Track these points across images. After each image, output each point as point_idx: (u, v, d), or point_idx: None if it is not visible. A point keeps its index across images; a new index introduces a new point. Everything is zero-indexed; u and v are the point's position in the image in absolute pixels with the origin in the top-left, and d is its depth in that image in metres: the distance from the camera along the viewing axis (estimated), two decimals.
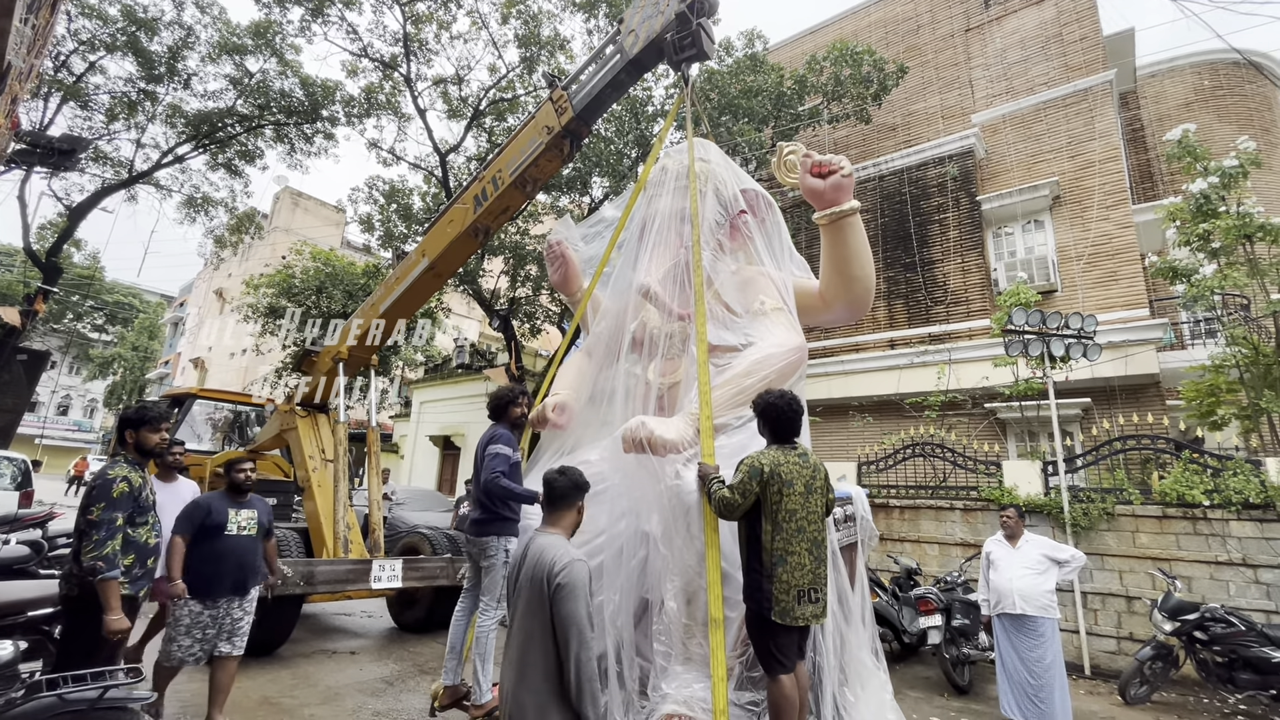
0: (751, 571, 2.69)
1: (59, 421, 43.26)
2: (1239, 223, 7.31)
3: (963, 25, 12.75)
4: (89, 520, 2.95)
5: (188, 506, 3.80)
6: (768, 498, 2.66)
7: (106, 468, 3.13)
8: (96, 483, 3.03)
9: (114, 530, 2.97)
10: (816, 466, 2.83)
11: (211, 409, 10.55)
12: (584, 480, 2.45)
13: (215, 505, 3.83)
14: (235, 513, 3.86)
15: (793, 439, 2.89)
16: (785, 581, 2.57)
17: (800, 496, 2.68)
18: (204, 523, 3.70)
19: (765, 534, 2.65)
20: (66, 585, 3.01)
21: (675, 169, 4.39)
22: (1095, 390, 9.40)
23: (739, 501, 2.65)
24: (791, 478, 2.69)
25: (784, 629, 2.58)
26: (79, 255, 26.61)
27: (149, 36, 12.12)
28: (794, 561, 2.60)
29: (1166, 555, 6.50)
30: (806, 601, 2.58)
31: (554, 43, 12.87)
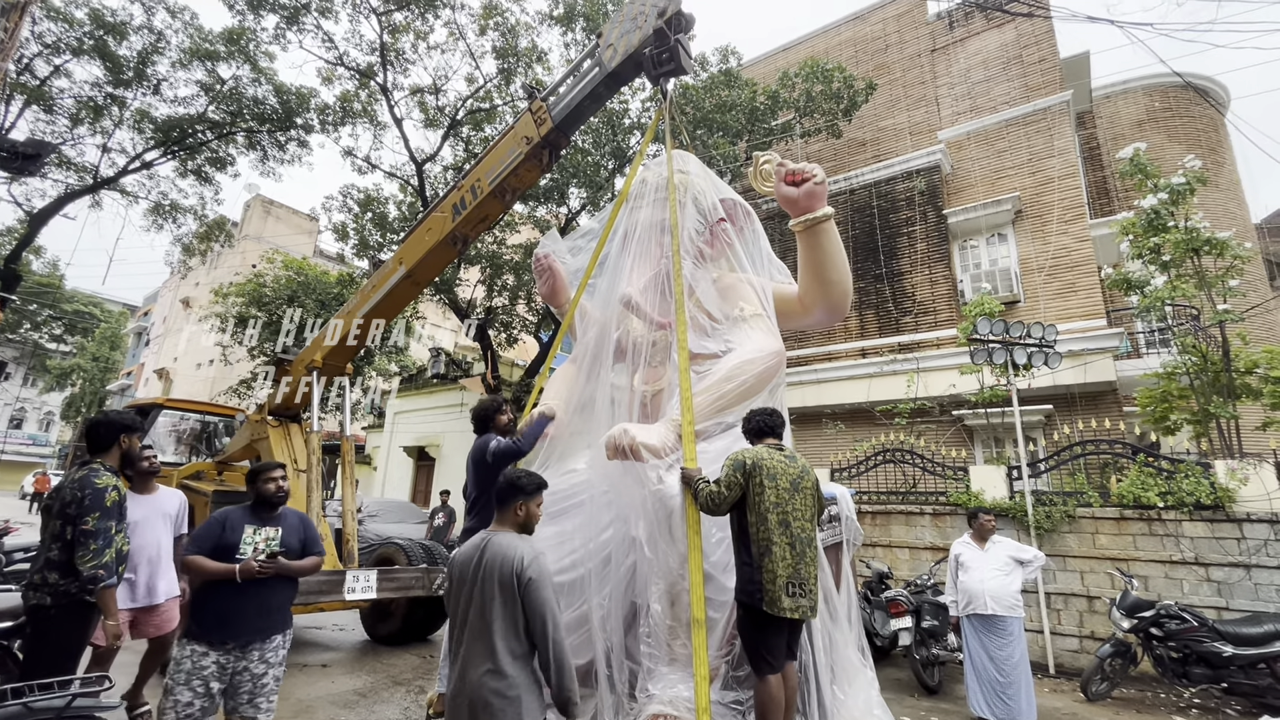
0: (742, 565, 2.77)
1: (12, 435, 41.58)
2: (1187, 237, 7.69)
3: (929, 46, 13.20)
4: (84, 530, 2.90)
5: (203, 524, 3.03)
6: (752, 489, 2.75)
7: (91, 476, 3.02)
8: (86, 491, 2.95)
9: (109, 539, 2.98)
10: (805, 468, 2.93)
11: (178, 419, 10.30)
12: (526, 483, 2.47)
13: (232, 520, 3.02)
14: (254, 531, 3.01)
15: (773, 438, 2.99)
16: (771, 571, 2.65)
17: (785, 491, 2.76)
18: (218, 541, 2.94)
19: (751, 525, 2.74)
20: (36, 595, 2.92)
21: (655, 180, 4.50)
22: (1057, 397, 9.74)
23: (725, 494, 2.74)
24: (775, 471, 2.78)
25: (773, 626, 2.65)
26: (38, 263, 25.76)
27: (117, 41, 11.90)
28: (777, 553, 2.68)
29: (1124, 555, 6.75)
30: (791, 594, 2.65)
31: (531, 54, 12.98)
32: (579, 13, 12.29)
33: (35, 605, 2.93)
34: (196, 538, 2.97)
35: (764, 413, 3.01)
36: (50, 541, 2.96)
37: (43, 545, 3.01)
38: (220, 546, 2.93)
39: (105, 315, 38.91)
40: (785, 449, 2.97)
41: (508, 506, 2.44)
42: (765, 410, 3.02)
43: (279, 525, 3.10)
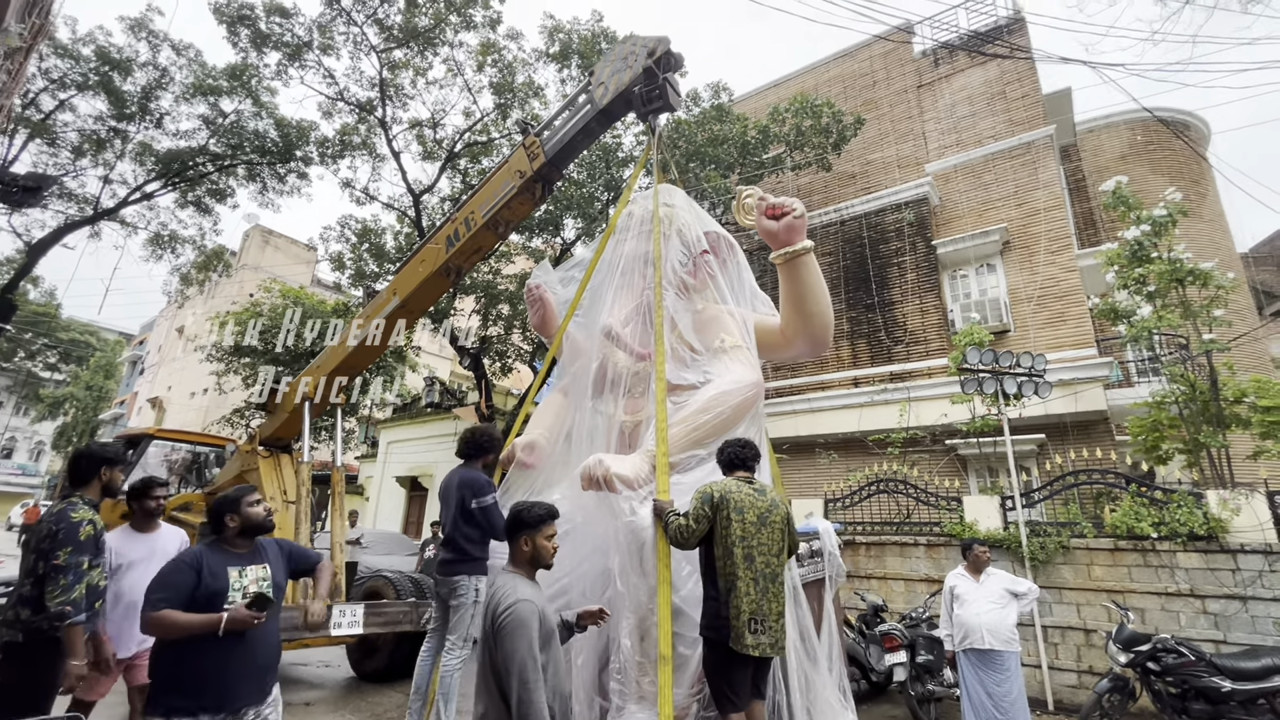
0: (709, 599, 2.74)
1: (1, 465, 41.11)
2: (1170, 268, 7.81)
3: (915, 82, 13.56)
4: (55, 565, 2.83)
5: (167, 567, 2.50)
6: (719, 522, 2.73)
7: (68, 509, 2.98)
8: (60, 525, 2.91)
9: (80, 575, 2.90)
10: (775, 502, 2.90)
11: (168, 450, 10.23)
12: (528, 515, 2.41)
13: (210, 563, 2.49)
14: (239, 573, 2.53)
15: (745, 471, 2.98)
16: (736, 607, 2.62)
17: (752, 525, 2.74)
18: (195, 593, 2.41)
19: (718, 559, 2.71)
20: (9, 632, 2.86)
21: (640, 213, 4.58)
22: (1049, 426, 9.75)
23: (693, 527, 2.72)
24: (743, 505, 2.76)
25: (738, 662, 2.60)
26: (35, 292, 25.82)
27: (122, 76, 12.17)
28: (742, 588, 2.65)
29: (1120, 587, 6.69)
30: (754, 630, 2.60)
31: (528, 89, 13.29)
32: (574, 50, 12.62)
33: (8, 642, 2.87)
34: (164, 585, 2.39)
35: (737, 444, 3.01)
36: (24, 577, 2.91)
37: (19, 581, 2.96)
38: (203, 595, 2.41)
39: (101, 344, 38.87)
40: (756, 482, 2.96)
41: (514, 543, 2.40)
42: (738, 441, 3.02)
43: (264, 561, 2.64)
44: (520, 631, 2.07)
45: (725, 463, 3.02)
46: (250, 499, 2.68)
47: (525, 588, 2.25)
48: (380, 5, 12.28)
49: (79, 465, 3.17)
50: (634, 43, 5.18)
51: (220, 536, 2.62)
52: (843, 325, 12.43)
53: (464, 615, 3.86)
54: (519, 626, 2.08)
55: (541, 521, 2.40)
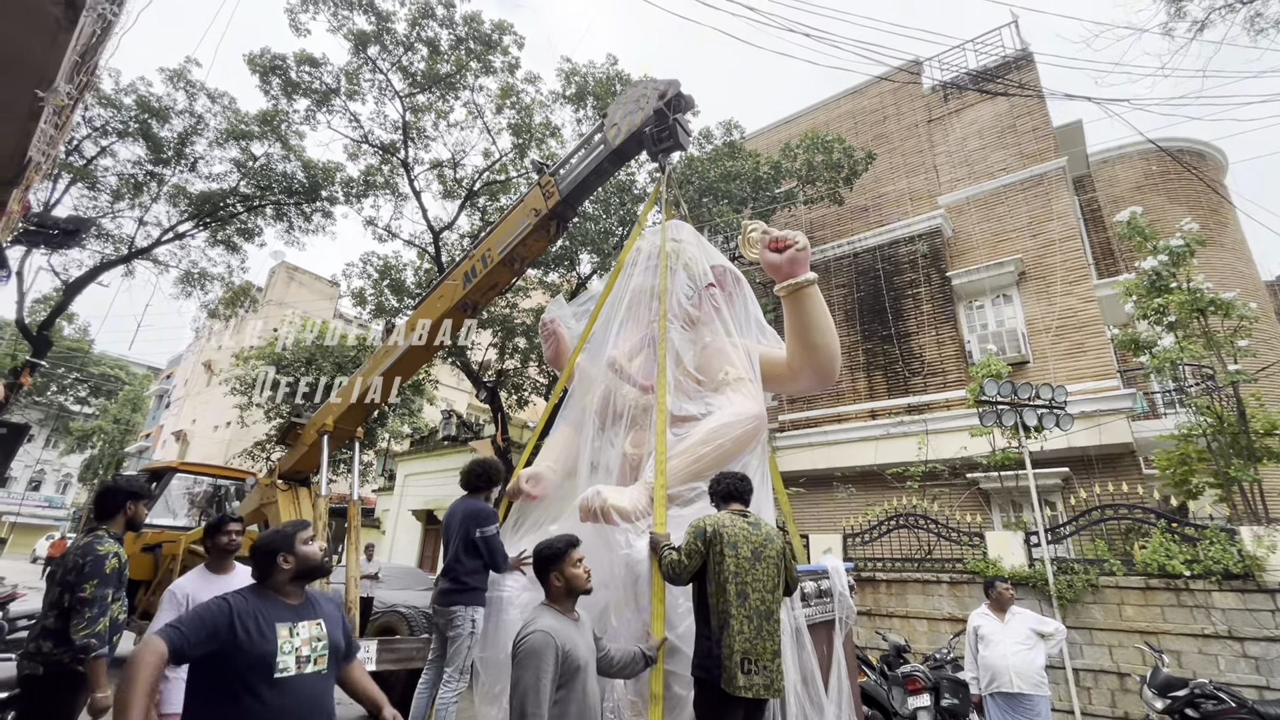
0: (701, 637, 2.66)
1: (30, 497, 41.89)
2: (1191, 298, 7.71)
3: (925, 117, 13.74)
4: (81, 598, 2.84)
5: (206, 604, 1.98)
6: (712, 558, 2.66)
7: (94, 543, 2.99)
8: (87, 558, 2.92)
9: (105, 608, 2.91)
10: (770, 536, 2.82)
11: (191, 482, 10.40)
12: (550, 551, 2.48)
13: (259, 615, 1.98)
14: (291, 630, 2.02)
15: (740, 504, 2.94)
16: (729, 646, 2.53)
17: (746, 560, 2.67)
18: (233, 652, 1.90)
19: (711, 596, 2.64)
20: (30, 664, 2.88)
21: (648, 248, 4.67)
22: (1073, 460, 9.53)
23: (685, 563, 2.67)
24: (736, 540, 2.69)
25: (730, 705, 2.52)
26: (70, 328, 26.70)
27: (160, 123, 12.78)
28: (735, 626, 2.57)
29: (1153, 628, 6.43)
30: (746, 671, 2.52)
31: (545, 129, 13.70)
32: (589, 92, 13.03)
33: (28, 675, 2.88)
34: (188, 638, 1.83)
35: (732, 477, 2.95)
36: (48, 609, 2.93)
37: (42, 613, 2.99)
38: (248, 659, 1.90)
39: (130, 378, 39.87)
40: (750, 515, 2.89)
41: (546, 582, 2.48)
42: (733, 474, 2.96)
43: (319, 616, 2.13)
44: (529, 661, 2.12)
45: (720, 495, 2.95)
46: (305, 535, 2.21)
47: (548, 619, 2.30)
48: (404, 54, 12.83)
49: (105, 499, 3.21)
50: (646, 85, 5.36)
51: (266, 582, 2.10)
52: (858, 357, 12.37)
53: (460, 646, 3.81)
54: (529, 656, 2.13)
55: (564, 553, 2.48)
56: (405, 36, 12.68)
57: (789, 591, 2.89)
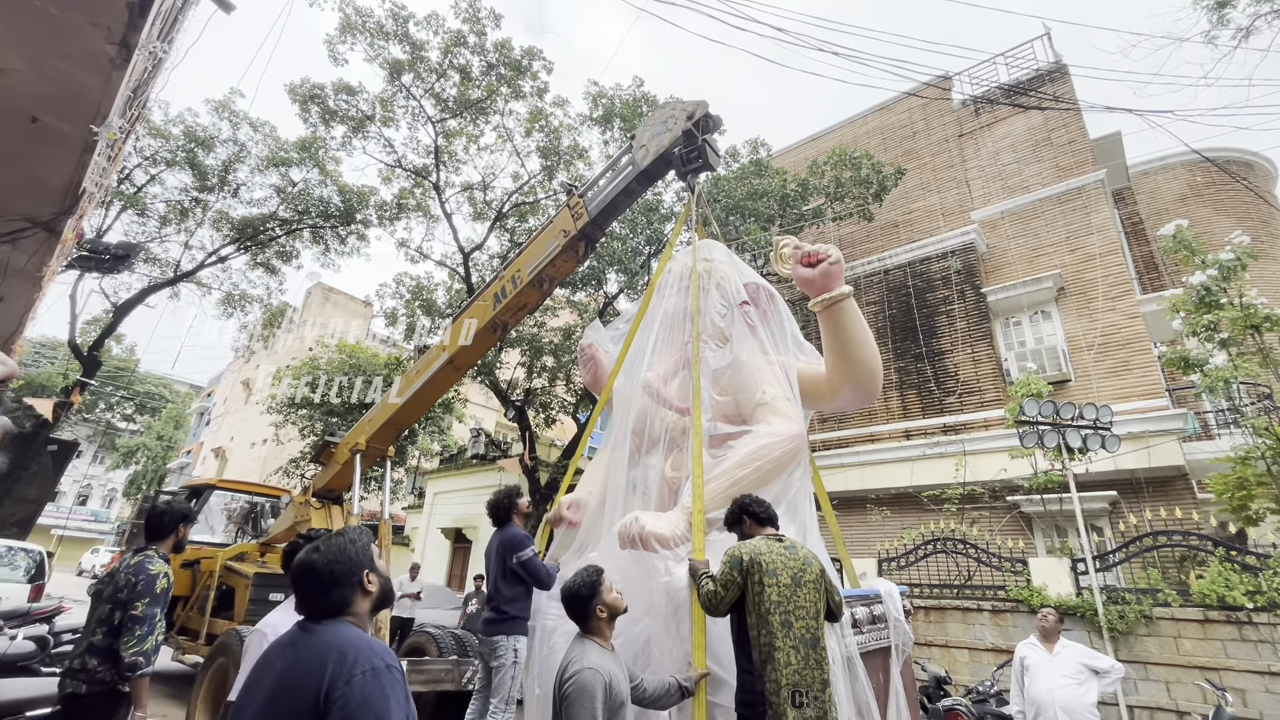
0: (743, 672, 2.56)
1: (77, 511, 43.39)
2: (1244, 314, 7.38)
3: (955, 131, 13.57)
4: (133, 615, 2.88)
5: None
6: (750, 588, 2.57)
7: (145, 562, 3.03)
8: (140, 577, 2.96)
9: (154, 626, 2.94)
10: (807, 560, 2.73)
11: (228, 499, 10.63)
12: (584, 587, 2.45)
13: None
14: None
15: (773, 527, 2.85)
16: (776, 681, 2.44)
17: (787, 588, 2.58)
18: None
19: (751, 628, 2.55)
20: (73, 683, 2.87)
21: (680, 269, 4.65)
22: (1120, 483, 9.13)
23: (721, 594, 2.59)
24: (775, 567, 2.60)
25: None
26: (117, 348, 27.80)
27: (206, 152, 13.34)
28: (781, 659, 2.47)
29: (1214, 664, 6.07)
30: (798, 704, 2.42)
31: (573, 151, 13.91)
32: (616, 114, 13.20)
33: (71, 694, 2.88)
34: None
35: (755, 501, 2.86)
36: (96, 626, 2.94)
37: (87, 630, 2.99)
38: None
39: (173, 395, 41.24)
40: (785, 539, 2.78)
41: (589, 616, 2.45)
42: (754, 499, 2.86)
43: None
44: (582, 699, 2.10)
45: (754, 518, 2.84)
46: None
47: (594, 654, 2.28)
48: (437, 80, 13.19)
49: (159, 521, 3.23)
50: (674, 106, 5.39)
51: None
52: (891, 375, 12.13)
53: (505, 677, 3.82)
54: (580, 694, 2.11)
55: (599, 584, 2.47)
56: (438, 64, 13.05)
57: (833, 617, 2.78)
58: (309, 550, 1.66)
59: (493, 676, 3.89)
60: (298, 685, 1.43)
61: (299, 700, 1.40)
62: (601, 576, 2.49)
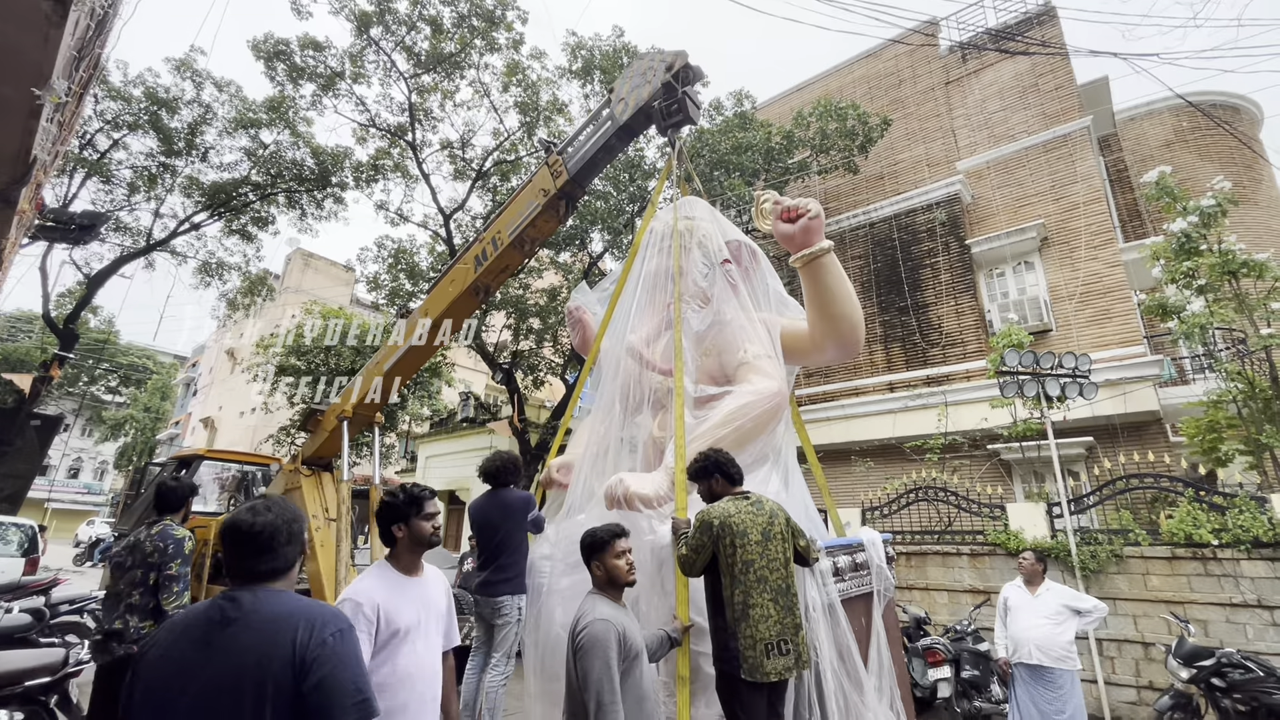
0: (718, 630, 2.63)
1: (69, 484, 43.35)
2: (1222, 260, 7.45)
3: (942, 79, 13.30)
4: (168, 575, 3.20)
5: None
6: (722, 551, 2.62)
7: (168, 529, 3.32)
8: (169, 542, 3.26)
9: (187, 583, 3.30)
10: (774, 512, 2.78)
11: (219, 469, 10.64)
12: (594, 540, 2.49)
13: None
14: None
15: (739, 484, 2.88)
16: (750, 636, 2.51)
17: (757, 545, 2.63)
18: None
19: (725, 589, 2.61)
20: (122, 646, 3.07)
21: (661, 229, 4.59)
22: (1097, 429, 9.36)
23: (694, 559, 2.64)
24: (745, 527, 2.64)
25: (750, 688, 2.50)
26: (95, 320, 27.27)
27: (170, 115, 12.82)
28: (757, 614, 2.53)
29: (1179, 598, 6.36)
30: (776, 654, 2.50)
31: (553, 106, 13.51)
32: (596, 66, 12.78)
33: (122, 657, 3.05)
34: None
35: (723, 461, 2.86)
36: (130, 589, 3.19)
37: (117, 597, 3.21)
38: None
39: (157, 367, 40.77)
40: (750, 495, 2.82)
41: (589, 568, 2.50)
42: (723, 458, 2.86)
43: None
44: (595, 650, 2.13)
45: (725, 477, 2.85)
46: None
47: (604, 607, 2.31)
48: (408, 34, 12.66)
49: (169, 496, 3.52)
50: (653, 58, 5.22)
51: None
52: (876, 329, 12.20)
53: (508, 634, 3.96)
54: (593, 645, 2.14)
55: (608, 543, 2.48)
56: (407, 16, 12.51)
57: (803, 561, 2.85)
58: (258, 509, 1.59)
59: (495, 634, 4.02)
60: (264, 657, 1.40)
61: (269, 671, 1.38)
62: (615, 540, 2.48)
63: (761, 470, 3.54)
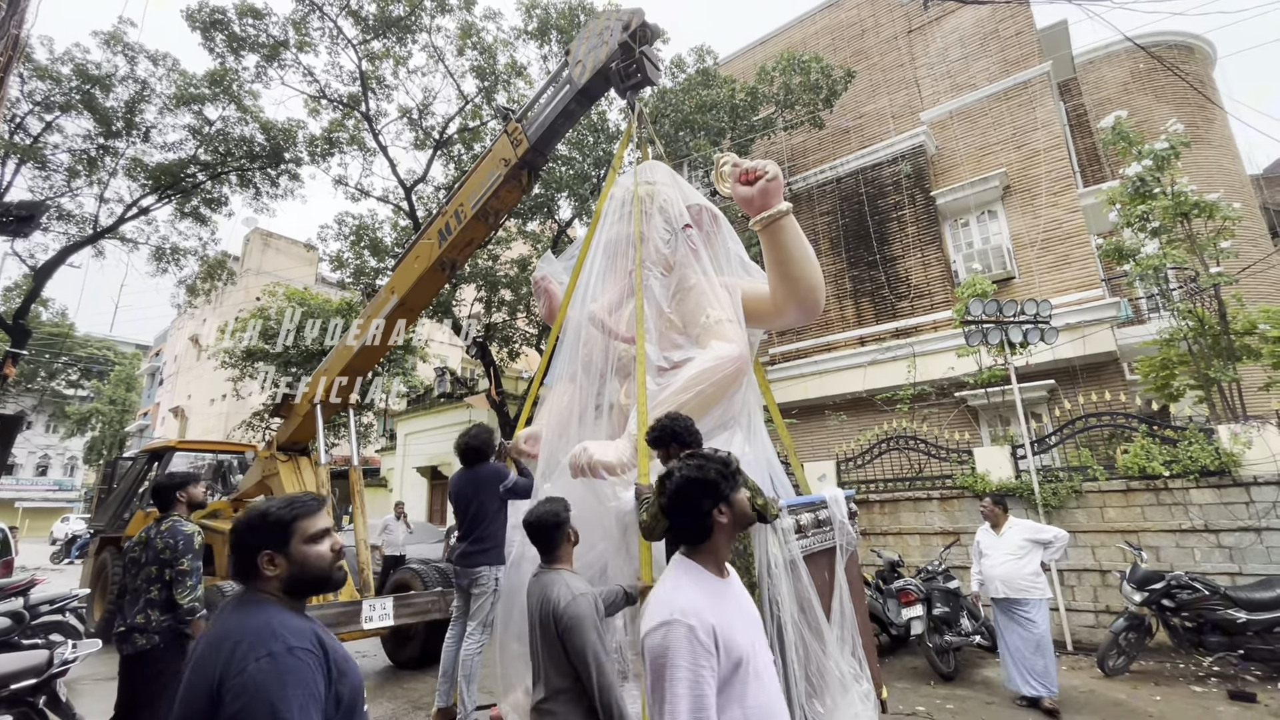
0: None
1: (38, 482, 42.29)
2: (1174, 202, 7.65)
3: (905, 27, 13.17)
4: (181, 570, 3.30)
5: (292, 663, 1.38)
6: None
7: (177, 525, 3.41)
8: (179, 538, 3.35)
9: (200, 576, 3.40)
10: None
11: (194, 459, 10.48)
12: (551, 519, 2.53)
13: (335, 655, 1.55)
14: None
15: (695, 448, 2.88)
16: None
17: None
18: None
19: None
20: (145, 637, 3.21)
21: (621, 195, 4.54)
22: (1058, 371, 9.69)
23: (652, 525, 2.68)
24: None
25: None
26: (46, 313, 26.21)
27: (104, 93, 12.13)
28: None
29: (1134, 527, 6.73)
30: None
31: (511, 70, 13.09)
32: (552, 25, 12.38)
33: (147, 648, 3.22)
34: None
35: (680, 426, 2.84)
36: (147, 585, 3.32)
37: (136, 592, 3.35)
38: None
39: (119, 357, 39.52)
40: None
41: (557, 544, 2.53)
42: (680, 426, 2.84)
43: None
44: (585, 624, 2.24)
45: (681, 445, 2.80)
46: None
47: (576, 581, 2.41)
48: None
49: (161, 495, 3.63)
50: (609, 17, 5.08)
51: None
52: (845, 284, 12.33)
53: (485, 603, 4.04)
54: (580, 622, 2.24)
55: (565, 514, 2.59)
56: None
57: (762, 518, 2.87)
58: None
59: (472, 603, 4.10)
60: (197, 679, 1.32)
61: (195, 698, 1.30)
62: (567, 506, 2.60)
63: (723, 433, 3.59)
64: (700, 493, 1.63)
